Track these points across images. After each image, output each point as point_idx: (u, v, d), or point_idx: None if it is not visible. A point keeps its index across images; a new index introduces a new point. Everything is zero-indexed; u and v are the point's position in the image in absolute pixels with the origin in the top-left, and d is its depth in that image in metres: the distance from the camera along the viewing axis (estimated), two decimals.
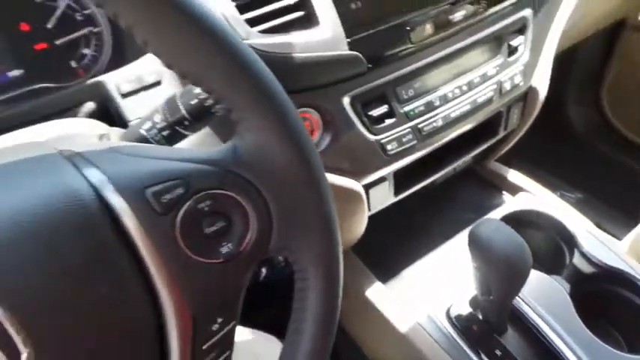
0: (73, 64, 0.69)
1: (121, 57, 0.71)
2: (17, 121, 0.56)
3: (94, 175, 0.32)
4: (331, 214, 0.38)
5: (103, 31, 0.69)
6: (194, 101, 0.44)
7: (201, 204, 0.33)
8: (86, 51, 0.70)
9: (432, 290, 0.79)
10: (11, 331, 0.28)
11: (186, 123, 0.45)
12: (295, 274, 0.40)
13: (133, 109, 0.54)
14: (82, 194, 0.31)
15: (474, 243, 0.61)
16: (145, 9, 0.29)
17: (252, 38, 0.51)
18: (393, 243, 0.87)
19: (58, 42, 0.67)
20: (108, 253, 0.31)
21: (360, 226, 0.74)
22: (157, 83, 0.53)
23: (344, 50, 0.54)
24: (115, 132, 0.48)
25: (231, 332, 0.38)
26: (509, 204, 0.90)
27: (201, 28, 0.30)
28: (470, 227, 0.63)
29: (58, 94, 0.61)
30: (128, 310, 0.32)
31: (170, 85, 0.54)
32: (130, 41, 0.69)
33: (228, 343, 0.38)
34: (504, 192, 0.98)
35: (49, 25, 0.66)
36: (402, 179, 0.75)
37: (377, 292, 0.81)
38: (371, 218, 0.76)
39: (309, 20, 0.54)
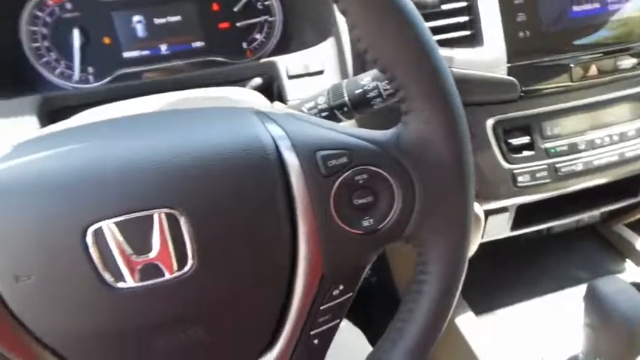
0: (245, 45, 0.79)
1: (284, 46, 0.80)
2: (193, 84, 0.65)
3: (276, 131, 0.37)
4: (470, 220, 0.39)
5: (276, 21, 0.78)
6: (358, 91, 0.48)
7: (357, 176, 0.36)
8: (257, 36, 0.79)
9: (526, 336, 0.75)
10: (187, 241, 0.34)
11: (345, 109, 0.49)
12: (417, 266, 0.42)
13: (294, 90, 0.60)
14: (264, 145, 0.36)
15: (594, 298, 0.58)
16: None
17: None
18: (495, 279, 0.85)
19: (238, 24, 0.77)
20: (273, 201, 0.35)
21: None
22: (320, 72, 0.59)
23: (502, 74, 0.56)
24: (279, 105, 0.54)
25: (347, 302, 0.41)
26: (632, 273, 0.83)
27: (405, 22, 0.33)
28: (580, 286, 0.59)
29: (231, 67, 0.70)
30: (274, 255, 0.36)
31: (331, 76, 0.59)
32: (296, 33, 0.77)
33: (341, 312, 0.40)
34: (627, 259, 0.90)
35: (235, 9, 0.76)
36: (522, 215, 0.73)
37: (467, 322, 0.79)
38: (479, 246, 0.75)
39: (474, 39, 0.56)
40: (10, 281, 0.32)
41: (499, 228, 0.73)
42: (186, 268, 0.34)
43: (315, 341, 0.40)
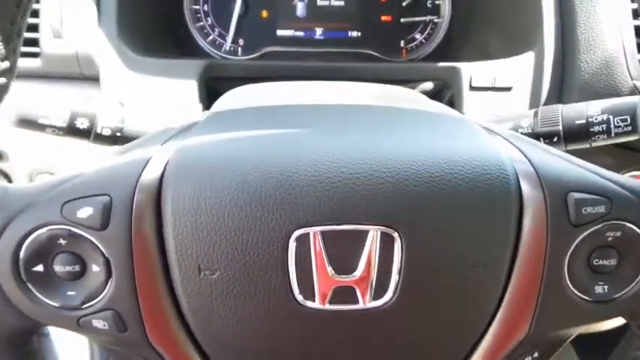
0: (402, 43, 0.72)
1: (442, 52, 0.72)
2: (348, 76, 0.59)
3: (517, 157, 0.30)
4: None
5: (442, 23, 0.71)
6: (580, 122, 0.40)
7: (609, 232, 0.29)
8: (418, 36, 0.72)
9: None
10: (395, 269, 0.28)
11: (555, 139, 0.41)
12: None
13: (473, 104, 0.53)
14: (506, 173, 0.29)
15: None
16: None
17: None
18: None
19: (402, 20, 0.71)
20: (500, 242, 0.29)
21: None
22: (508, 89, 0.51)
23: None
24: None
25: None
26: None
27: None
28: None
29: (398, 65, 0.64)
30: (475, 308, 0.30)
31: (520, 95, 0.51)
32: (459, 41, 0.69)
33: None
34: None
35: (403, 4, 0.70)
36: None
37: None
38: None
39: None
40: (191, 272, 0.28)
41: None
42: (382, 301, 0.28)
43: None
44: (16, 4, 0.24)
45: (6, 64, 0.25)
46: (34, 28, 0.50)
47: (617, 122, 0.39)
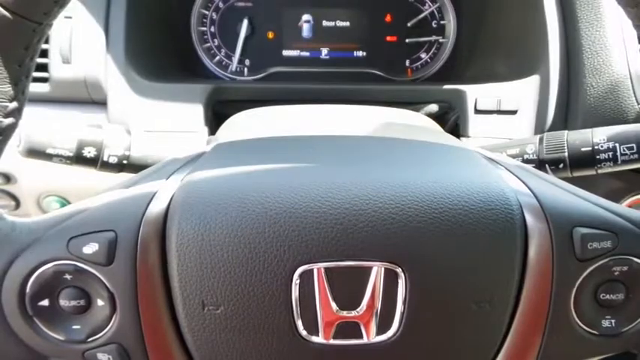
0: (407, 63, 0.73)
1: (447, 72, 0.73)
2: (353, 98, 0.59)
3: (521, 190, 0.30)
4: None
5: (447, 43, 0.71)
6: (586, 149, 0.40)
7: (616, 267, 0.29)
8: (423, 55, 0.73)
9: None
10: (399, 303, 0.28)
11: (560, 166, 0.41)
12: None
13: (477, 127, 0.53)
14: (511, 207, 0.29)
15: None
16: None
17: None
18: None
19: (407, 40, 0.71)
20: (505, 277, 0.29)
21: None
22: (513, 112, 0.51)
23: None
24: (473, 143, 0.47)
25: None
26: None
27: None
28: None
29: (401, 87, 0.65)
30: (480, 343, 0.29)
31: (525, 119, 0.51)
32: (464, 61, 0.69)
33: None
34: None
35: (409, 24, 0.71)
36: None
37: None
38: None
39: None
40: (195, 307, 0.28)
41: None
42: (386, 336, 0.28)
43: None
44: (25, 47, 0.25)
45: (14, 104, 0.26)
46: (43, 53, 0.51)
47: (624, 150, 0.39)
